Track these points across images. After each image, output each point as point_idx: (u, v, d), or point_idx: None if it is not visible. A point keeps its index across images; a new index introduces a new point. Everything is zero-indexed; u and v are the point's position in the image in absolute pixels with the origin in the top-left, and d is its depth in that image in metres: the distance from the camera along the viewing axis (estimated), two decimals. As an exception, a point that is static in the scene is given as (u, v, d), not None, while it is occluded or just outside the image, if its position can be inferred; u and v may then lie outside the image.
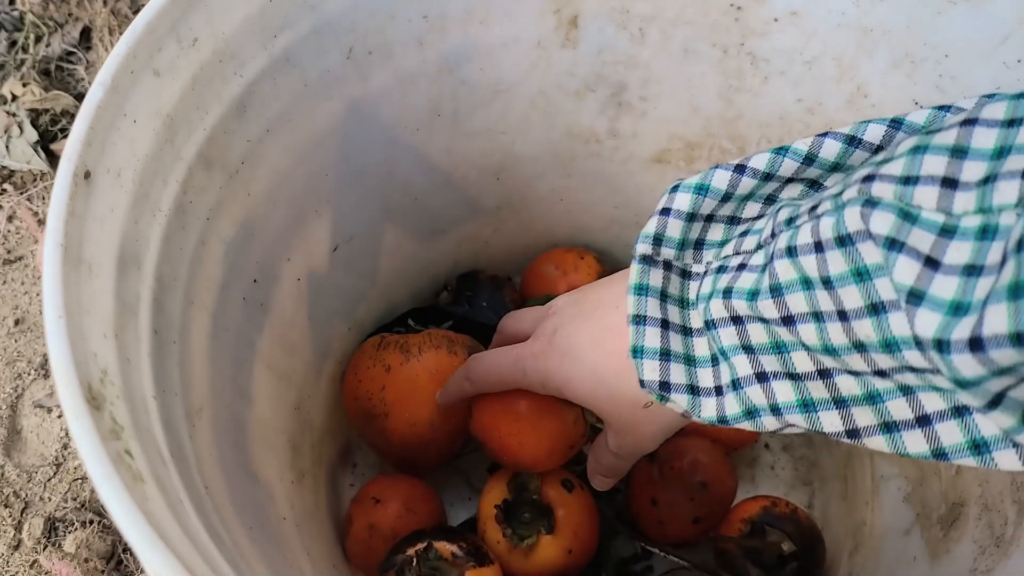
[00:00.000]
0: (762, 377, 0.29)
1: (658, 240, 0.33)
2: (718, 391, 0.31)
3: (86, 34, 0.89)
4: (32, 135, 0.83)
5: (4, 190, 0.84)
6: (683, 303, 0.33)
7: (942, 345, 0.20)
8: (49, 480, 0.71)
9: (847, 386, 0.27)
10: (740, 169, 0.32)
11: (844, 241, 0.24)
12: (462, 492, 0.58)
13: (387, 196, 0.52)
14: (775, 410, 0.29)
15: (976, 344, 0.19)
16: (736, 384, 0.30)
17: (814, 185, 0.32)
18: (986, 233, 0.20)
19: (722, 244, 0.33)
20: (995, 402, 0.21)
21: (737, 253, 0.31)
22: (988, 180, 0.21)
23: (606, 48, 0.49)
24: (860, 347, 0.24)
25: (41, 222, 0.81)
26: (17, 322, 0.78)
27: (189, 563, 0.21)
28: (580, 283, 0.60)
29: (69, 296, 0.25)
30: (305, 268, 0.48)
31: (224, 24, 0.35)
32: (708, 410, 0.31)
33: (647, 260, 0.33)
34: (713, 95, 0.49)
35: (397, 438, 0.51)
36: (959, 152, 0.22)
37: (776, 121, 0.48)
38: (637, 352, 0.32)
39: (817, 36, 0.43)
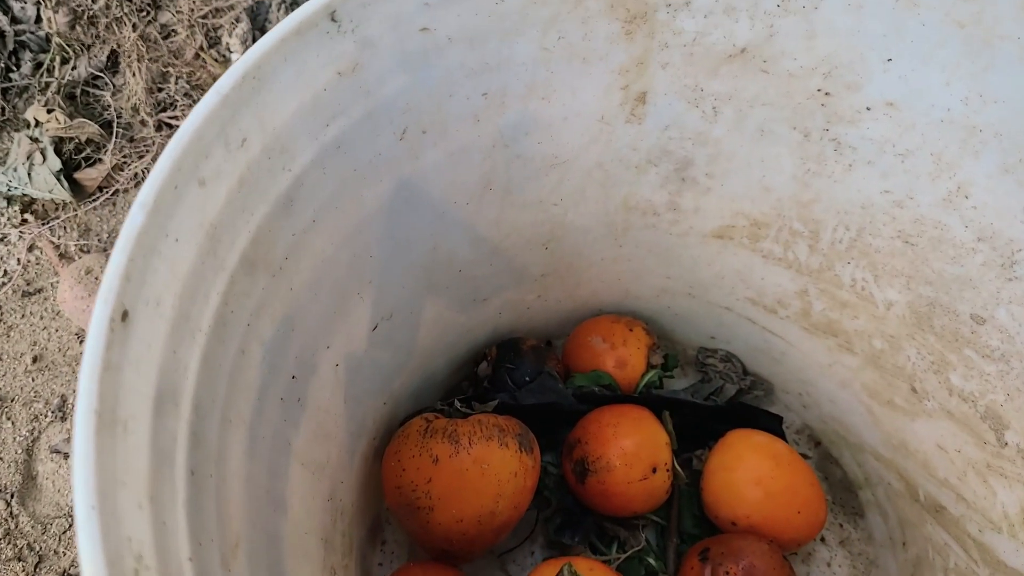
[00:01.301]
0: None
1: None
2: None
3: (113, 57, 0.86)
4: (55, 163, 0.80)
5: (25, 220, 0.81)
6: None
7: None
8: (64, 532, 0.68)
9: None
10: None
11: None
12: (497, 578, 0.55)
13: (430, 270, 0.49)
14: None
15: None
16: None
17: None
18: None
19: None
20: None
21: None
22: None
23: (674, 124, 0.45)
24: None
25: (63, 255, 0.78)
26: (35, 359, 0.75)
27: None
28: (629, 358, 0.57)
29: (103, 474, 0.22)
30: (343, 352, 0.45)
31: (275, 118, 0.32)
32: None
33: None
34: (787, 176, 0.46)
35: (440, 532, 0.47)
36: None
37: (857, 210, 0.45)
38: None
39: (915, 129, 0.39)
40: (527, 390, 0.55)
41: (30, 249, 0.80)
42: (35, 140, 0.80)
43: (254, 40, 0.77)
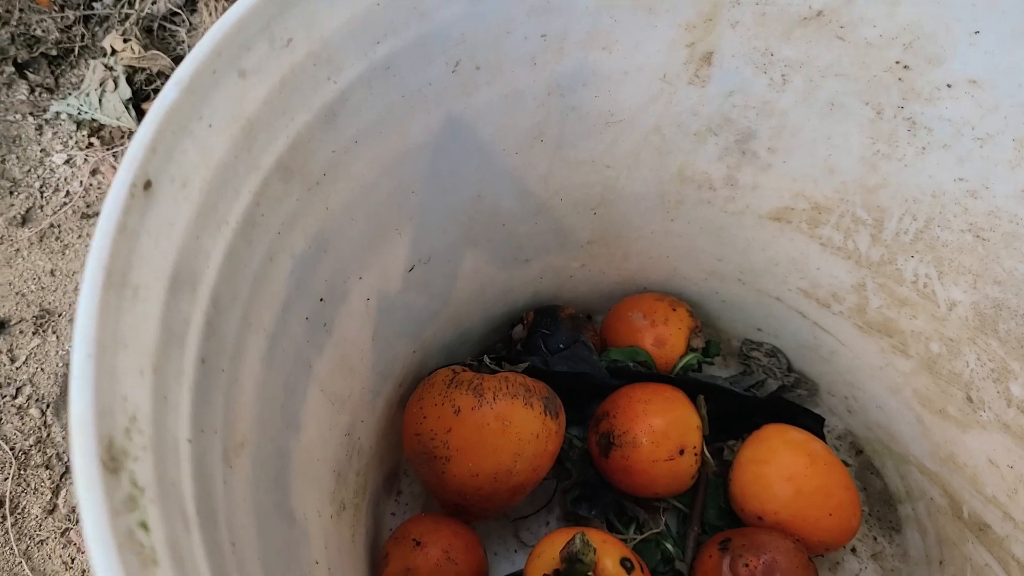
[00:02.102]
0: None
1: None
2: None
3: (194, -1, 0.88)
4: (126, 92, 0.83)
5: (91, 144, 0.84)
6: None
7: None
8: (97, 448, 0.70)
9: None
10: None
11: None
12: (508, 543, 0.54)
13: (472, 218, 0.48)
14: None
15: None
16: None
17: None
18: None
19: None
20: None
21: None
22: None
23: (739, 90, 0.43)
24: None
25: (127, 184, 0.80)
26: (89, 281, 0.77)
27: None
28: (669, 337, 0.55)
29: (104, 329, 0.22)
30: (376, 287, 0.45)
31: (324, 26, 0.32)
32: None
33: None
34: (855, 157, 0.43)
35: (455, 485, 0.47)
36: None
37: (927, 198, 0.42)
38: None
39: (998, 112, 0.36)
40: (560, 357, 0.54)
41: (93, 173, 0.83)
42: (109, 68, 0.83)
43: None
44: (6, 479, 0.69)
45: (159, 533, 0.21)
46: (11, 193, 0.83)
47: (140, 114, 0.83)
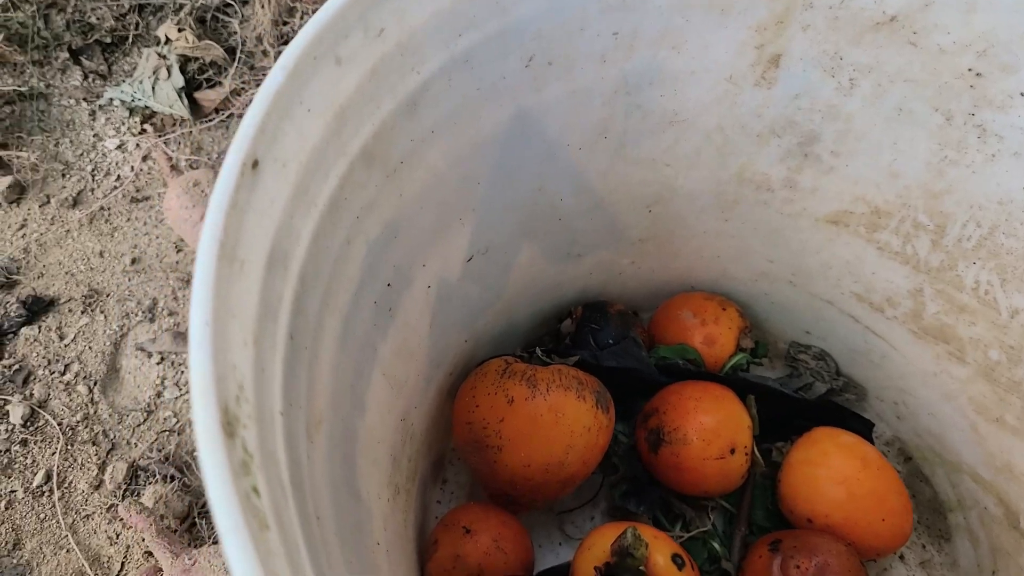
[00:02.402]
0: None
1: None
2: None
3: (247, -10, 0.90)
4: (179, 80, 0.84)
5: (143, 130, 0.86)
6: None
7: None
8: (139, 426, 0.71)
9: None
10: None
11: None
12: (552, 536, 0.55)
13: (532, 211, 0.49)
14: None
15: None
16: None
17: None
18: None
19: None
20: None
21: None
22: None
23: (805, 93, 0.44)
24: None
25: (173, 167, 0.82)
26: (133, 261, 0.79)
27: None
28: (718, 336, 0.55)
29: (220, 299, 0.23)
30: (438, 275, 0.46)
31: (413, 17, 0.33)
32: None
33: None
34: (920, 163, 0.43)
35: (506, 475, 0.47)
36: None
37: (993, 205, 0.42)
38: None
39: (1074, 119, 0.37)
40: (609, 352, 0.55)
41: (144, 158, 0.84)
42: (163, 57, 0.84)
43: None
44: (54, 454, 0.70)
45: (266, 499, 0.22)
46: (63, 175, 0.85)
47: (192, 102, 0.85)
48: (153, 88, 0.85)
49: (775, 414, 0.54)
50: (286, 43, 0.86)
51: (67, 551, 0.66)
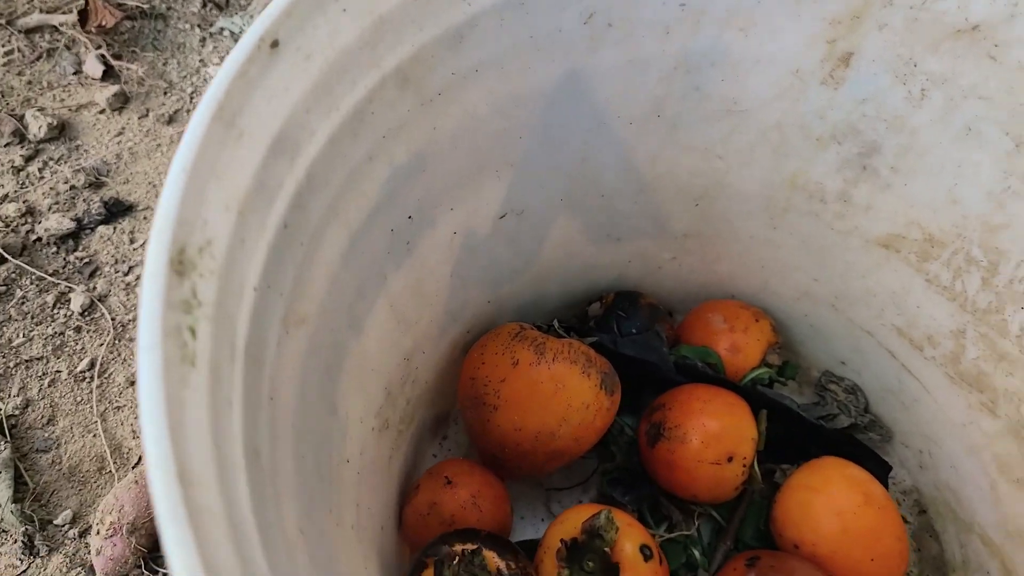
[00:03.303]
0: None
1: None
2: None
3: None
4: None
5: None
6: None
7: None
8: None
9: None
10: None
11: None
12: (537, 511, 0.54)
13: (574, 181, 0.49)
14: None
15: None
16: None
17: None
18: None
19: None
20: None
21: None
22: None
23: (873, 99, 0.42)
24: None
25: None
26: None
27: (192, 470, 0.19)
28: (745, 345, 0.54)
29: (204, 154, 0.24)
30: (465, 224, 0.46)
31: (469, -57, 0.33)
32: None
33: None
34: (982, 191, 0.41)
35: (497, 435, 0.47)
36: None
37: (1052, 247, 0.39)
38: None
39: None
40: (630, 340, 0.54)
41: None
42: None
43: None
44: (102, 345, 0.75)
45: (204, 345, 0.23)
46: (165, 93, 0.90)
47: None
48: (260, 25, 0.89)
49: (790, 437, 0.52)
50: None
51: (94, 435, 0.70)
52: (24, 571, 0.64)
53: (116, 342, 0.75)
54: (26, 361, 0.73)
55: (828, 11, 0.39)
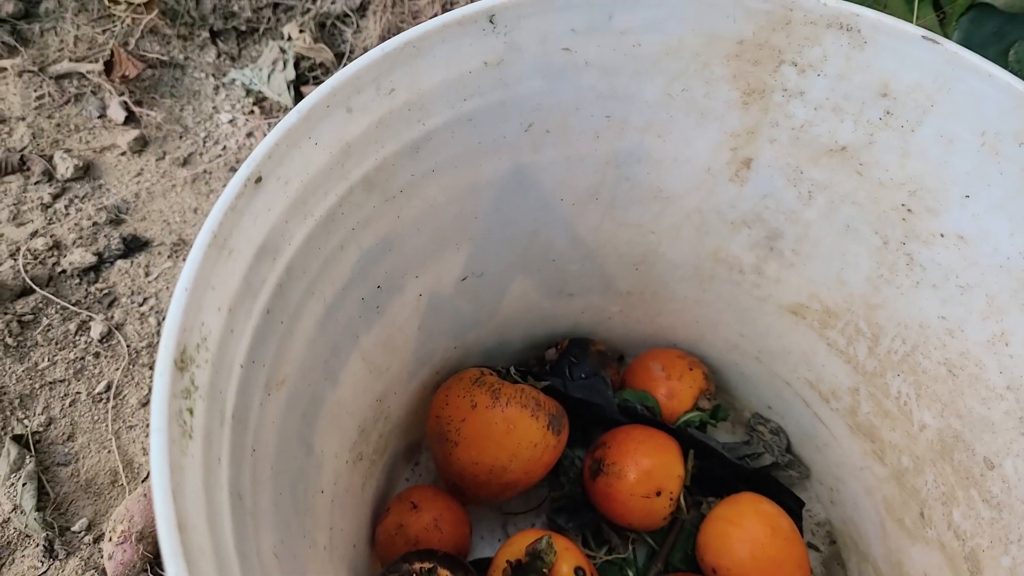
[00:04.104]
0: None
1: None
2: None
3: (365, 3, 1.01)
4: (291, 74, 0.97)
5: (253, 111, 0.98)
6: None
7: None
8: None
9: None
10: None
11: None
12: (495, 532, 0.62)
13: (527, 249, 0.57)
14: None
15: None
16: None
17: None
18: None
19: None
20: None
21: None
22: None
23: (771, 195, 0.49)
24: None
25: (273, 151, 0.94)
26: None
27: (188, 517, 0.27)
28: (679, 391, 0.61)
29: (202, 274, 0.32)
30: (430, 287, 0.54)
31: (423, 82, 0.41)
32: None
33: None
34: (862, 276, 0.48)
35: (457, 467, 0.55)
36: None
37: (916, 327, 0.47)
38: None
39: (977, 267, 0.41)
40: (579, 384, 0.61)
41: (248, 135, 0.97)
42: (283, 51, 0.97)
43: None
44: (118, 370, 0.83)
45: (200, 420, 0.31)
46: (180, 137, 0.98)
47: (298, 95, 0.97)
48: (269, 77, 0.98)
49: (717, 473, 0.60)
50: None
51: (108, 452, 0.78)
52: (44, 572, 0.72)
53: (131, 367, 0.84)
54: (50, 383, 0.81)
55: (728, 126, 0.46)
